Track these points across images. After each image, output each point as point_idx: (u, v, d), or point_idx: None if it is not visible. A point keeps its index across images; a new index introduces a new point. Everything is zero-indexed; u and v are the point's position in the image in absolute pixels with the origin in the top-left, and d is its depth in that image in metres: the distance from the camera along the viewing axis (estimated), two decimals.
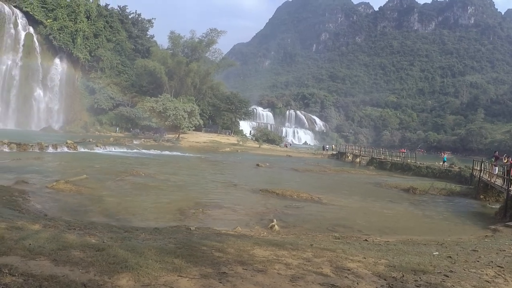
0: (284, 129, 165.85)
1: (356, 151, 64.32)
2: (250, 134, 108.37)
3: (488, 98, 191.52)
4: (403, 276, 6.67)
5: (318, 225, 14.69)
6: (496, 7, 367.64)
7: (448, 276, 6.88)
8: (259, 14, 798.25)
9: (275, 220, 14.13)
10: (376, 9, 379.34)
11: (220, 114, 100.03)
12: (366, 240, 11.65)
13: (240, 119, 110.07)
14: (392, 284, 6.21)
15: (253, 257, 7.02)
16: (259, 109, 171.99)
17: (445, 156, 52.46)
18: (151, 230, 9.89)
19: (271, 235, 11.82)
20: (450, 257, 8.70)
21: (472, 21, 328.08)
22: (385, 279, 6.42)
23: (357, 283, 6.06)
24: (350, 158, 62.44)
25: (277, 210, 17.07)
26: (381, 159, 53.32)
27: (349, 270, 6.73)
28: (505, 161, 22.32)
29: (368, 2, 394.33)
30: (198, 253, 6.93)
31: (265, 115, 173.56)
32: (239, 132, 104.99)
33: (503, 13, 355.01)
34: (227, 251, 7.33)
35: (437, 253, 9.21)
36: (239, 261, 6.65)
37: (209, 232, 10.59)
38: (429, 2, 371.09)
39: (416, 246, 10.49)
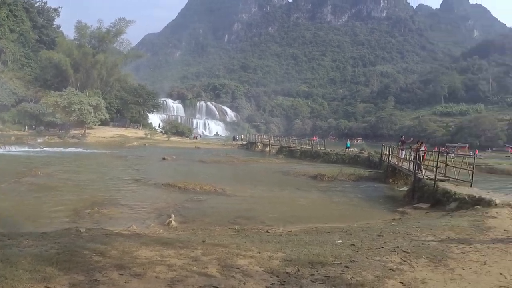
0: (194, 121, 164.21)
1: (266, 140, 64.75)
2: (159, 127, 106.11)
3: (398, 87, 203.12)
4: (298, 270, 6.41)
5: (219, 218, 14.39)
6: (408, 1, 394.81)
7: (348, 267, 6.69)
8: (172, 3, 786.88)
9: (173, 215, 13.84)
10: (291, 0, 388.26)
11: (128, 107, 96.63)
12: (267, 231, 11.44)
13: (149, 112, 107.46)
14: (284, 281, 5.93)
15: (135, 260, 6.61)
16: (169, 101, 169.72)
17: (349, 142, 54.58)
18: (38, 235, 8.88)
19: (167, 232, 11.50)
20: (354, 245, 8.51)
21: (384, 14, 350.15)
22: (277, 276, 6.14)
23: (244, 283, 5.76)
24: (260, 147, 62.84)
25: (178, 204, 16.63)
26: (290, 147, 54.16)
27: (238, 268, 6.44)
28: (417, 146, 22.87)
29: None
30: (77, 258, 6.46)
31: (175, 107, 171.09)
32: (148, 125, 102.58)
33: (415, 7, 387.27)
34: (109, 254, 6.87)
35: (340, 241, 9.02)
36: (118, 265, 6.23)
37: (99, 233, 9.74)
38: None
39: (320, 235, 10.37)
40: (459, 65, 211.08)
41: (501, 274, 6.88)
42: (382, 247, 8.25)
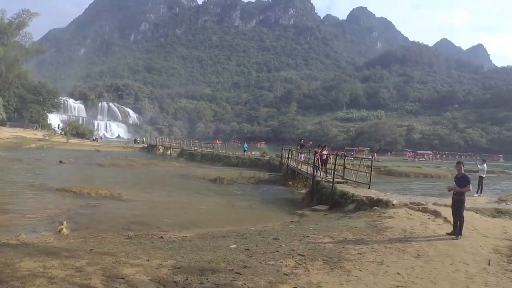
0: (96, 122, 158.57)
1: (167, 143, 63.85)
2: (58, 128, 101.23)
3: (301, 93, 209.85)
4: (187, 279, 6.23)
5: (113, 225, 13.86)
6: (316, 11, 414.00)
7: (240, 274, 6.57)
8: None
9: (65, 222, 13.09)
10: (200, 2, 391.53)
11: (27, 106, 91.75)
12: (161, 237, 11.14)
13: (49, 112, 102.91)
14: None
15: (16, 272, 6.13)
16: (71, 101, 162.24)
17: (246, 145, 55.33)
18: None
19: (58, 240, 10.91)
20: (248, 249, 8.40)
21: (292, 22, 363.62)
22: (164, 286, 5.94)
23: None
24: (161, 150, 62.05)
25: (71, 210, 15.91)
26: (191, 150, 54.04)
27: (123, 278, 6.13)
28: (320, 150, 23.18)
29: None
30: None
31: (77, 108, 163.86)
32: (48, 126, 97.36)
33: (322, 17, 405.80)
34: None
35: (235, 246, 8.87)
36: None
37: None
38: (253, 1, 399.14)
39: (215, 240, 10.16)
40: (362, 73, 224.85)
41: (398, 273, 6.92)
42: (277, 251, 8.10)
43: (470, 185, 10.08)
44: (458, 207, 10.12)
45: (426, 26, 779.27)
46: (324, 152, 23.73)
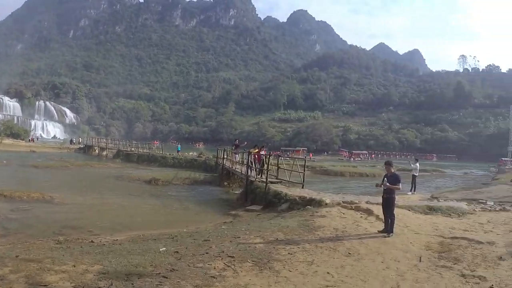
0: (33, 122, 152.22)
1: (103, 143, 62.30)
2: None
3: (240, 93, 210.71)
4: (112, 284, 6.07)
5: (44, 230, 13.35)
6: (257, 12, 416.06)
7: (167, 277, 6.40)
8: None
9: None
10: (142, 0, 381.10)
11: None
12: (92, 241, 10.86)
13: None
14: None
15: None
16: (6, 99, 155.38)
17: (179, 145, 55.31)
18: None
19: None
20: (178, 252, 8.20)
21: (232, 23, 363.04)
22: None
23: None
24: (97, 151, 60.59)
25: (0, 215, 15.21)
26: (127, 151, 53.13)
27: (46, 286, 5.93)
28: (255, 150, 23.15)
29: None
30: None
31: (12, 106, 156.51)
32: None
33: (262, 19, 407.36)
34: None
35: (165, 248, 8.64)
36: None
37: None
38: (194, 0, 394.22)
39: (145, 243, 9.93)
40: (300, 75, 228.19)
41: (328, 273, 6.87)
42: (207, 253, 7.95)
43: (400, 183, 10.19)
44: (388, 205, 10.22)
45: (364, 30, 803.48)
46: (262, 152, 23.80)
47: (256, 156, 23.44)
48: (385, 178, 10.33)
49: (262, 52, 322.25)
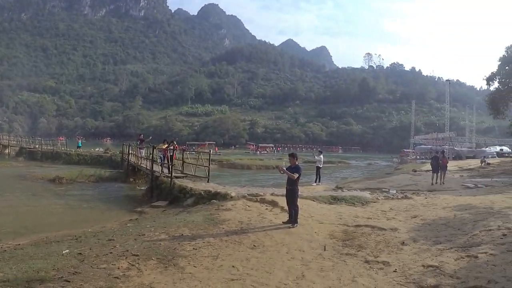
0: None
1: (5, 141, 58.31)
2: None
3: (147, 87, 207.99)
4: None
5: None
6: (168, 4, 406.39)
7: (69, 281, 6.07)
8: None
9: None
10: None
11: None
12: None
13: None
14: None
15: None
16: None
17: (80, 141, 53.45)
18: None
19: None
20: (81, 253, 7.82)
21: (142, 14, 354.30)
22: None
23: None
24: None
25: None
26: (31, 148, 50.51)
27: None
28: (164, 146, 22.77)
29: None
30: None
31: None
32: None
33: (173, 11, 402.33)
34: None
35: (68, 251, 8.22)
36: None
37: None
38: None
39: (48, 246, 9.39)
40: (208, 69, 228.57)
41: (233, 266, 6.89)
42: (111, 253, 7.67)
43: (297, 174, 10.27)
44: (291, 196, 10.39)
45: (274, 26, 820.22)
46: (171, 147, 23.45)
47: (165, 152, 23.07)
48: (288, 170, 10.50)
49: (171, 45, 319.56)
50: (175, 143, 25.20)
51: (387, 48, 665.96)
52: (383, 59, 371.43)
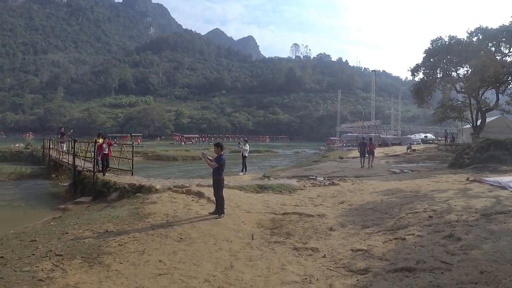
0: None
1: None
2: None
3: (69, 77, 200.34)
4: None
5: None
6: None
7: None
8: None
9: None
10: None
11: None
12: None
13: None
14: None
15: None
16: None
17: None
18: None
19: None
20: (3, 257, 7.40)
21: (65, 0, 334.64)
22: None
23: None
24: None
25: None
26: None
27: None
28: (100, 140, 21.59)
29: None
30: None
31: None
32: None
33: None
34: None
35: None
36: None
37: None
38: None
39: None
40: (132, 58, 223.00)
41: (160, 261, 6.83)
42: (34, 254, 7.37)
43: (217, 163, 10.26)
44: (215, 187, 10.44)
45: (201, 15, 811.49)
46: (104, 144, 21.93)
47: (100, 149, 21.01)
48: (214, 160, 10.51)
49: (94, 34, 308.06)
50: (108, 138, 23.26)
51: (315, 39, 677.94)
52: (310, 49, 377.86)
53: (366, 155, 26.44)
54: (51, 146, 29.61)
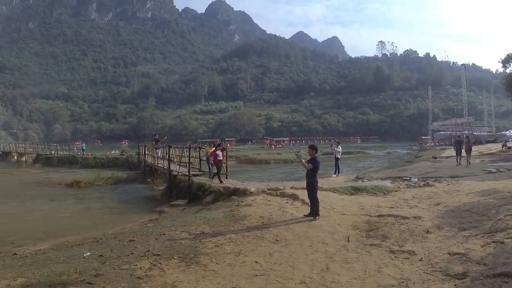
0: None
1: (22, 148, 59.09)
2: None
3: (159, 87, 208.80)
4: None
5: None
6: (174, 4, 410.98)
7: (92, 283, 6.06)
8: None
9: None
10: None
11: None
12: (15, 253, 10.09)
13: None
14: None
15: None
16: None
17: (84, 144, 53.85)
18: None
19: None
20: (102, 255, 7.84)
21: (149, 15, 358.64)
22: None
23: None
24: (15, 157, 57.25)
25: None
26: (47, 154, 50.99)
27: None
28: (211, 149, 20.82)
29: None
30: None
31: None
32: None
33: (180, 10, 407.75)
34: None
35: (89, 253, 8.26)
36: None
37: None
38: None
39: (69, 250, 9.39)
40: (219, 66, 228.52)
41: (256, 262, 6.82)
42: (132, 253, 7.68)
43: (312, 165, 10.17)
44: (310, 189, 10.29)
45: (283, 19, 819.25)
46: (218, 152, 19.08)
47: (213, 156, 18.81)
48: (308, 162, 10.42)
49: (181, 44, 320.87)
50: (222, 146, 20.43)
51: (400, 35, 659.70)
52: (396, 46, 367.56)
53: (462, 154, 25.30)
54: (146, 152, 30.81)
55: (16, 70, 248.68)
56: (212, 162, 18.79)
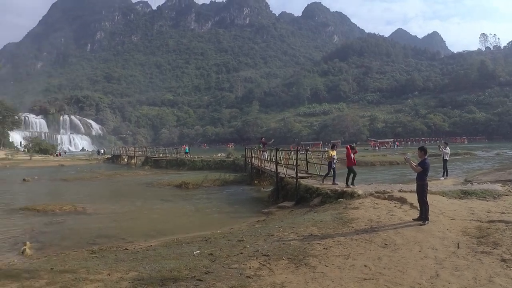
0: (59, 137, 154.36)
1: (131, 152, 62.50)
2: (21, 145, 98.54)
3: (262, 91, 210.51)
4: None
5: (78, 240, 13.30)
6: (271, 9, 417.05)
7: (202, 280, 6.31)
8: (34, 10, 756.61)
9: (28, 243, 12.49)
10: (155, 8, 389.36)
11: None
12: (126, 249, 10.79)
13: (10, 130, 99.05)
14: None
15: None
16: (31, 117, 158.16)
17: (187, 147, 55.14)
18: None
19: (22, 261, 10.41)
20: (212, 254, 8.20)
21: (248, 21, 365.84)
22: None
23: None
24: (125, 160, 60.73)
25: (35, 229, 15.17)
26: (155, 157, 53.30)
27: None
28: (333, 152, 20.09)
29: (147, 1, 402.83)
30: None
31: (38, 123, 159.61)
32: (10, 145, 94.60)
33: (277, 15, 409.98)
34: None
35: (198, 251, 8.74)
36: None
37: None
38: (207, 3, 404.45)
39: (179, 247, 9.95)
40: (320, 68, 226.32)
41: (365, 266, 6.75)
42: (241, 253, 7.89)
43: (419, 166, 9.91)
44: (419, 192, 10.00)
45: (381, 17, 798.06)
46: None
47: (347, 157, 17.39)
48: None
49: (281, 48, 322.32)
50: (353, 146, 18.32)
51: (501, 26, 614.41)
52: (498, 38, 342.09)
53: None
54: (252, 155, 30.96)
55: (122, 80, 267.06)
56: (334, 165, 17.82)
